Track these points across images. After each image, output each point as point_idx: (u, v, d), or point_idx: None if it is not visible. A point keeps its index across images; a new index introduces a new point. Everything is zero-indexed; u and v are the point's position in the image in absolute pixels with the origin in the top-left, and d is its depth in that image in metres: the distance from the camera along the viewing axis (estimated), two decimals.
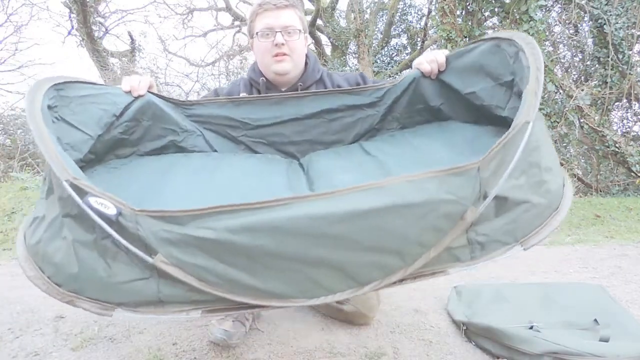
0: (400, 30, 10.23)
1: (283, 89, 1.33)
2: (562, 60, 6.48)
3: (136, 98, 1.09)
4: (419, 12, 9.94)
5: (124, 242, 0.64)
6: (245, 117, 1.19)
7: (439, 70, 1.15)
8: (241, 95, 1.33)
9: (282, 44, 1.25)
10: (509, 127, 0.73)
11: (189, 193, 0.92)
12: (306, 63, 1.35)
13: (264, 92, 1.33)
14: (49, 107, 0.86)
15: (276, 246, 0.66)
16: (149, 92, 1.12)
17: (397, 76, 9.73)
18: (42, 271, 0.71)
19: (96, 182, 0.71)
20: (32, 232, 0.75)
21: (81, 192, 0.63)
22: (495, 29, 6.19)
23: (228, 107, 1.18)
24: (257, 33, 1.28)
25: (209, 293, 0.69)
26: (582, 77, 6.21)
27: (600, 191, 5.54)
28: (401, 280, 0.74)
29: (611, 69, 5.23)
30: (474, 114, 1.10)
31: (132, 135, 1.09)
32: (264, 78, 1.33)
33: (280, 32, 1.25)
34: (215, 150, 1.18)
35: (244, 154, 1.20)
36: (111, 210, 0.63)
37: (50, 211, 0.72)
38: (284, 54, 1.27)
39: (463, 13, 5.78)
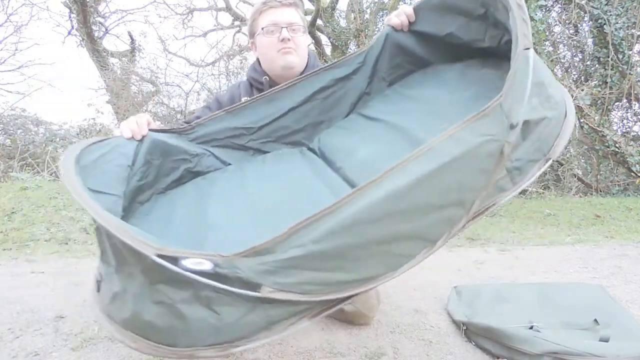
0: None
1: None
2: (562, 60, 6.48)
3: (141, 141, 1.06)
4: None
5: (229, 288, 0.65)
6: (246, 123, 1.20)
7: (410, 22, 1.19)
8: (242, 98, 1.33)
9: (288, 39, 1.27)
10: (494, 55, 0.79)
11: (239, 218, 0.96)
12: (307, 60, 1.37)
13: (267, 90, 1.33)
14: None
15: (359, 238, 0.70)
16: (149, 130, 1.09)
17: None
18: (149, 339, 0.70)
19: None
20: (119, 308, 0.72)
21: (173, 260, 0.63)
22: None
23: (227, 119, 1.18)
24: (262, 29, 1.29)
25: (313, 301, 0.72)
26: (582, 77, 6.21)
27: (600, 191, 5.54)
28: (464, 226, 0.81)
29: (611, 69, 5.23)
30: (454, 53, 1.16)
31: (147, 178, 1.08)
32: (267, 77, 1.33)
33: (286, 27, 1.27)
34: (229, 164, 1.19)
35: (256, 158, 1.21)
36: (207, 265, 0.63)
37: (131, 284, 0.69)
38: (290, 48, 1.29)
39: None
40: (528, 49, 0.78)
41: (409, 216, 0.73)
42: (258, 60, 1.39)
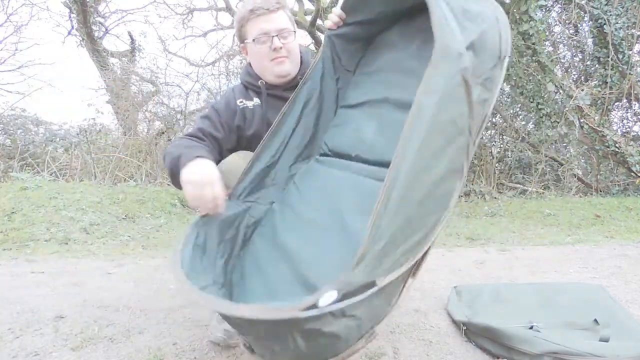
0: None
1: (284, 87, 1.34)
2: (562, 60, 6.48)
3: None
4: None
5: (355, 300, 0.75)
6: (268, 160, 1.27)
7: (342, 20, 1.30)
8: (238, 101, 1.34)
9: (280, 48, 1.27)
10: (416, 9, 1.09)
11: (315, 241, 1.10)
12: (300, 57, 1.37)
13: (264, 93, 1.33)
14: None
15: (415, 201, 0.81)
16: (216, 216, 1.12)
17: None
18: None
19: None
20: (280, 353, 0.83)
21: (313, 307, 0.71)
22: None
23: (254, 166, 1.24)
24: (253, 40, 1.28)
25: (410, 266, 0.86)
26: (582, 77, 6.21)
27: (600, 191, 5.54)
28: (474, 144, 0.93)
29: (611, 69, 5.23)
30: (390, 21, 1.31)
31: (227, 253, 1.15)
32: (262, 80, 1.33)
33: (277, 36, 1.26)
34: (273, 202, 1.29)
35: (289, 188, 1.31)
36: (334, 295, 0.72)
37: (283, 339, 0.78)
38: (283, 57, 1.28)
39: None
40: None
41: (435, 164, 0.84)
42: (250, 64, 1.38)
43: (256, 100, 1.35)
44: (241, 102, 1.34)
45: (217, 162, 1.22)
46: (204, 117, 1.33)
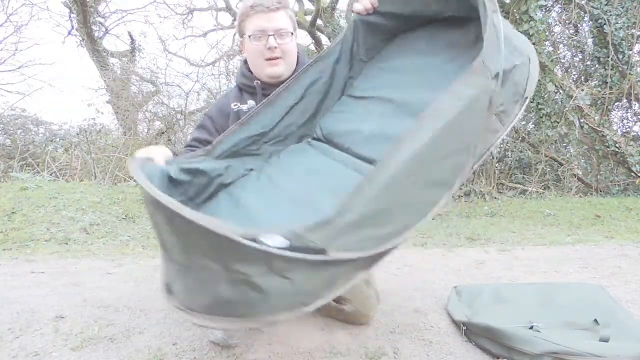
0: None
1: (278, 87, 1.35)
2: (562, 60, 6.48)
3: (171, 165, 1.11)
4: None
5: (302, 257, 0.72)
6: (258, 129, 1.27)
7: (374, 7, 1.28)
8: (232, 105, 1.36)
9: (275, 47, 1.26)
10: (454, 18, 1.05)
11: (280, 207, 1.09)
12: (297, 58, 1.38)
13: (260, 93, 1.34)
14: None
15: (397, 194, 0.82)
16: (179, 159, 1.15)
17: None
18: (231, 316, 0.77)
19: None
20: (197, 298, 0.79)
21: (253, 240, 0.69)
22: None
23: (240, 131, 1.26)
24: (249, 36, 1.28)
25: (367, 256, 0.82)
26: (582, 77, 6.21)
27: (600, 191, 5.53)
28: (472, 168, 0.94)
29: (611, 69, 5.23)
30: (419, 23, 1.29)
31: (188, 194, 1.15)
32: (258, 81, 1.34)
33: (273, 35, 1.26)
34: (251, 169, 1.28)
35: (272, 159, 1.30)
36: (282, 241, 0.71)
37: (206, 273, 0.75)
38: (277, 57, 1.28)
39: None
40: (495, 11, 0.90)
41: (430, 168, 0.85)
42: (246, 62, 1.38)
43: (251, 103, 1.36)
44: (235, 105, 1.36)
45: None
46: (199, 127, 1.38)
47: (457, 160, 0.89)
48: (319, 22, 5.95)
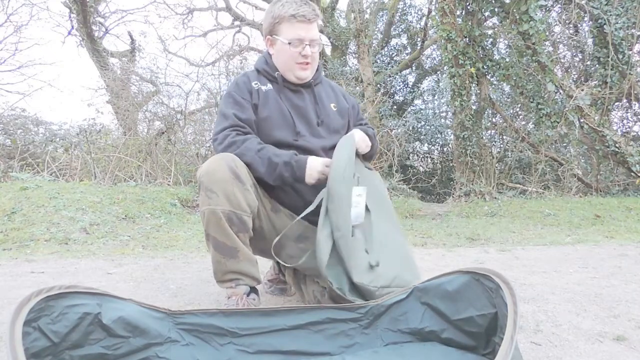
0: (400, 30, 10.23)
1: (299, 85, 1.43)
2: (562, 60, 6.49)
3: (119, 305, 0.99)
4: (419, 12, 9.94)
5: None
6: (233, 327, 1.14)
7: (421, 295, 1.14)
8: (252, 84, 1.40)
9: (309, 55, 1.37)
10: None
11: None
12: None
13: (280, 85, 1.41)
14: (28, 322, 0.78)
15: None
16: (139, 305, 1.03)
17: (397, 76, 9.75)
18: None
19: None
20: None
21: None
22: (495, 29, 6.19)
23: (218, 317, 1.13)
24: (288, 42, 1.35)
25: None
26: (582, 77, 6.22)
27: (600, 191, 5.54)
28: None
29: (611, 69, 5.24)
30: (456, 338, 1.09)
31: (116, 352, 0.99)
32: (279, 73, 1.41)
33: (309, 44, 1.36)
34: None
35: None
36: None
37: None
38: (308, 63, 1.39)
39: (463, 13, 5.79)
40: None
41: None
42: (269, 54, 1.45)
43: (269, 86, 1.42)
44: (256, 84, 1.41)
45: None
46: (235, 104, 1.36)
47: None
48: (319, 22, 5.96)
